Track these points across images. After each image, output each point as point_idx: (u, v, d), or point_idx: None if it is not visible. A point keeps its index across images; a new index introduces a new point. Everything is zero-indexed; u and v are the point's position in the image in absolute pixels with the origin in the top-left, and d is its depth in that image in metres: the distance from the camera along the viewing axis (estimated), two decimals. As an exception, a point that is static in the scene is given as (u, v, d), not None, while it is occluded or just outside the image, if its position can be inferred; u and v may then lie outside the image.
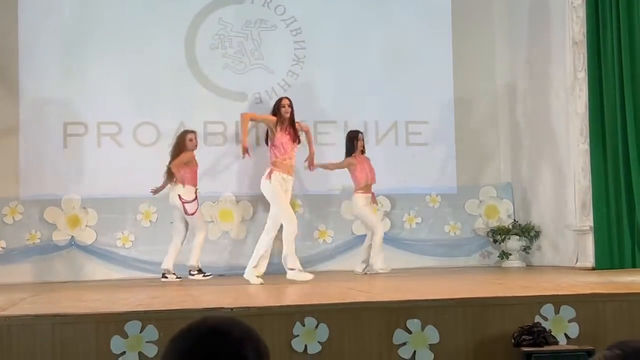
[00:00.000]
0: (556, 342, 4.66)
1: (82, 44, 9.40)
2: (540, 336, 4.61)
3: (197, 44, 9.70)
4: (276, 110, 7.72)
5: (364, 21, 9.99)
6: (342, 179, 9.36)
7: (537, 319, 4.78)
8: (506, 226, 9.83)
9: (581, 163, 8.61)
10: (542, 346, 4.56)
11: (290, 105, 7.73)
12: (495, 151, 10.22)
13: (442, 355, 4.67)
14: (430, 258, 9.72)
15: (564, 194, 9.06)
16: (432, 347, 4.66)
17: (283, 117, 7.66)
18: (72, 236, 9.18)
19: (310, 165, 8.19)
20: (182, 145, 8.68)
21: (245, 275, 7.51)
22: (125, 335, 4.40)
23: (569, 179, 8.89)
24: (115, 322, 4.45)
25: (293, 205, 8.78)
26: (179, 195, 8.53)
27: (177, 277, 8.48)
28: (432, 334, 4.67)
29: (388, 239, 9.52)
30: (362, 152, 8.87)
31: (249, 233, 9.48)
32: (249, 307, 4.78)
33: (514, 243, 9.67)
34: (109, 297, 6.17)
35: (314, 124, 9.67)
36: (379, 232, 8.62)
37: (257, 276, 7.43)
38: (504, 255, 9.72)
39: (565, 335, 4.77)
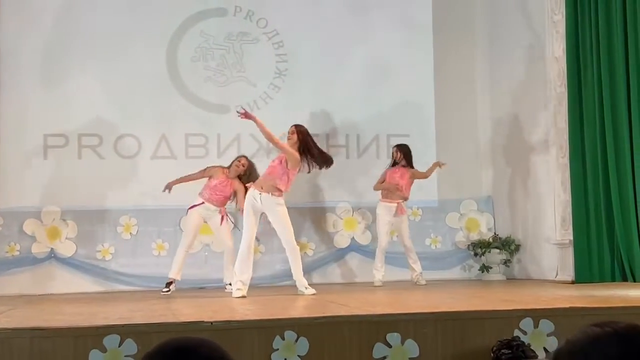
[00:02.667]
0: (535, 356, 4.67)
1: (63, 55, 9.37)
2: (519, 350, 4.62)
3: (179, 56, 9.70)
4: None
5: (346, 35, 10.03)
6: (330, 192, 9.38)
7: (517, 332, 4.80)
8: (487, 239, 9.87)
9: (561, 177, 8.67)
10: (521, 360, 4.57)
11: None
12: (476, 165, 10.27)
13: (422, 369, 4.67)
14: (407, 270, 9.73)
15: (544, 208, 9.11)
16: (412, 361, 4.66)
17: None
18: (52, 248, 9.12)
19: None
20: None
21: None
22: (103, 349, 4.37)
23: (549, 192, 8.94)
24: (94, 335, 4.41)
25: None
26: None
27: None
28: (412, 348, 4.67)
29: (370, 252, 9.53)
30: (395, 163, 9.12)
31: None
32: (229, 321, 4.76)
33: (494, 256, 9.71)
34: (88, 310, 6.12)
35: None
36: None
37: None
38: (485, 268, 9.76)
39: (544, 349, 4.79)
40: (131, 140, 9.45)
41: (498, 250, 9.69)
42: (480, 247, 9.78)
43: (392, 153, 9.25)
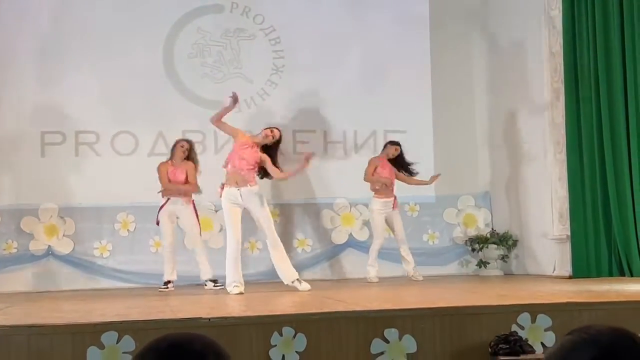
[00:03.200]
0: (533, 351, 4.68)
1: (60, 52, 9.36)
2: (517, 345, 4.63)
3: (176, 53, 9.68)
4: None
5: (343, 30, 10.02)
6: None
7: (514, 327, 4.81)
8: (484, 235, 9.88)
9: (558, 173, 8.68)
10: (519, 355, 4.59)
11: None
12: (474, 160, 10.27)
13: (420, 365, 4.68)
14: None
15: (542, 203, 9.12)
16: (409, 356, 4.67)
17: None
18: (49, 246, 9.11)
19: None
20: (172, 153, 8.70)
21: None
22: (101, 346, 4.37)
23: (547, 188, 8.95)
24: (92, 332, 4.42)
25: (272, 214, 8.81)
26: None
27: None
28: (410, 344, 4.68)
29: (367, 248, 9.54)
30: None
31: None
32: (226, 317, 4.77)
33: (492, 252, 9.72)
34: (86, 307, 6.13)
35: (292, 132, 9.69)
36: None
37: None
38: (482, 263, 9.77)
39: (542, 344, 4.80)
40: (128, 137, 9.44)
41: (495, 246, 9.71)
42: (477, 243, 9.79)
43: (387, 147, 9.17)
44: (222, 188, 7.58)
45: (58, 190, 9.20)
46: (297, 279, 7.56)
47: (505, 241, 9.69)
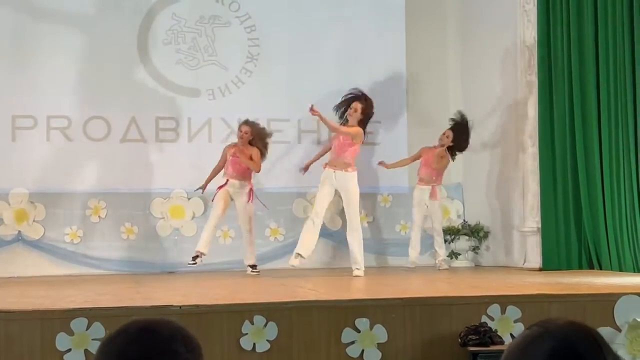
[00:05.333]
0: (502, 342, 4.72)
1: (31, 36, 9.25)
2: (487, 336, 4.67)
3: (150, 39, 9.61)
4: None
5: (319, 19, 10.00)
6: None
7: (484, 318, 4.85)
8: (456, 226, 9.92)
9: (530, 165, 8.74)
10: (488, 346, 4.63)
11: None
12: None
13: (390, 354, 4.70)
14: (381, 257, 9.76)
15: (513, 196, 9.18)
16: (380, 346, 4.69)
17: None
18: (19, 231, 9.02)
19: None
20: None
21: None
22: (71, 333, 4.35)
23: (518, 180, 9.02)
24: (61, 319, 4.40)
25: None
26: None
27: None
28: (381, 333, 4.71)
29: (340, 237, 9.55)
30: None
31: (200, 230, 9.42)
32: (197, 305, 4.76)
33: (463, 243, 9.77)
34: (56, 293, 6.09)
35: (267, 121, 9.65)
36: None
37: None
38: (453, 255, 9.81)
39: (511, 335, 4.84)
40: (100, 123, 9.35)
41: (467, 237, 9.76)
42: (449, 234, 9.83)
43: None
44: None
45: (29, 175, 9.10)
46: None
47: (476, 233, 9.75)
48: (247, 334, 4.55)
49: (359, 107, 8.26)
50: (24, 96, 9.16)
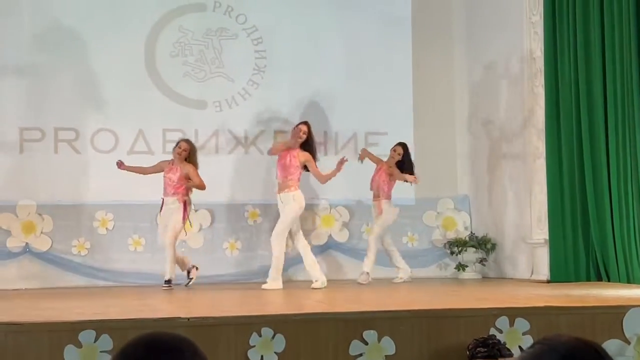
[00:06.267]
0: (511, 355, 4.70)
1: (40, 48, 9.29)
2: (495, 348, 4.65)
3: (158, 51, 9.64)
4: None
5: (325, 31, 10.03)
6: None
7: (492, 331, 4.83)
8: (463, 238, 9.90)
9: (537, 177, 8.73)
10: (497, 358, 4.61)
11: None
12: (454, 163, 10.30)
13: (398, 367, 4.69)
14: (388, 269, 9.73)
15: (521, 207, 9.17)
16: (388, 358, 4.68)
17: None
18: (27, 243, 9.04)
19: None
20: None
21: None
22: (79, 345, 4.35)
23: (526, 192, 9.00)
24: (69, 331, 4.39)
25: (253, 214, 8.84)
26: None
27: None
28: (389, 345, 4.69)
29: (346, 249, 9.56)
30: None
31: (206, 242, 9.44)
32: (205, 317, 4.75)
33: (470, 255, 9.75)
34: (63, 305, 6.09)
35: (273, 133, 9.69)
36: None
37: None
38: (461, 267, 9.79)
39: (520, 347, 4.82)
40: (108, 135, 9.38)
41: (474, 249, 9.73)
42: (456, 246, 9.81)
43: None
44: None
45: (36, 187, 9.13)
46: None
47: (483, 244, 9.73)
48: (254, 346, 4.55)
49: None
50: (31, 109, 9.20)
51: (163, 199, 8.45)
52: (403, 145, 9.10)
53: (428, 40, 10.26)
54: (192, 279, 8.33)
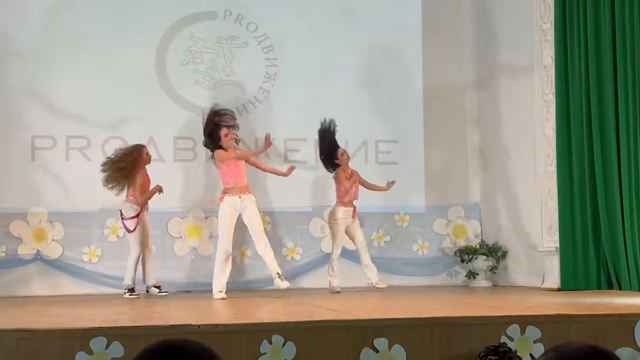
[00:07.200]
0: (522, 363, 4.68)
1: (51, 56, 9.34)
2: (506, 356, 4.63)
3: (168, 59, 9.67)
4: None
5: (335, 39, 10.04)
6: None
7: (503, 339, 4.81)
8: (473, 246, 9.88)
9: (548, 185, 8.71)
10: (508, 366, 4.58)
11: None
12: (464, 171, 10.28)
13: (409, 375, 4.67)
14: (398, 277, 9.73)
15: (531, 215, 9.14)
16: (398, 366, 4.66)
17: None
18: (38, 250, 9.07)
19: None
20: (140, 160, 8.63)
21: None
22: (90, 352, 4.35)
23: (536, 200, 8.98)
24: (81, 338, 4.40)
25: (263, 221, 8.85)
26: (120, 211, 8.54)
27: (159, 291, 8.44)
28: (399, 353, 4.68)
29: (357, 257, 9.54)
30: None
31: (217, 249, 9.44)
32: (216, 325, 4.76)
33: (481, 263, 9.73)
34: (75, 312, 6.11)
35: (284, 140, 9.71)
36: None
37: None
38: (471, 274, 9.77)
39: (531, 355, 4.80)
40: (119, 143, 9.39)
41: (485, 257, 9.71)
42: (467, 254, 9.79)
43: (345, 154, 9.05)
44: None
45: (47, 194, 9.17)
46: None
47: (494, 252, 9.70)
48: (265, 353, 4.54)
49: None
50: (43, 116, 9.24)
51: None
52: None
53: (438, 47, 10.26)
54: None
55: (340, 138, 9.84)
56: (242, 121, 9.64)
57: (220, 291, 7.85)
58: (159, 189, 8.60)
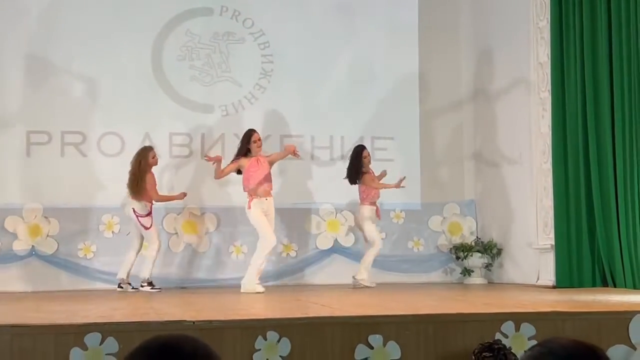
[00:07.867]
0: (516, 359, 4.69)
1: (47, 52, 9.33)
2: (501, 353, 4.63)
3: (164, 55, 9.67)
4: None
5: (332, 36, 10.04)
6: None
7: (498, 336, 4.81)
8: (469, 243, 9.90)
9: (543, 182, 8.72)
10: (502, 363, 4.59)
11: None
12: (460, 168, 10.30)
13: (404, 371, 4.68)
14: (394, 274, 9.75)
15: (526, 213, 9.15)
16: (393, 362, 4.67)
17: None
18: (33, 246, 9.06)
19: None
20: (147, 162, 8.63)
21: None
22: (85, 347, 4.35)
23: (531, 197, 8.99)
24: (75, 333, 4.39)
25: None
26: (133, 209, 8.52)
27: (132, 288, 8.45)
28: (394, 350, 4.68)
29: (352, 254, 9.56)
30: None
31: (212, 245, 9.45)
32: (210, 321, 4.75)
33: (476, 260, 9.74)
34: (69, 308, 6.09)
35: (280, 137, 9.70)
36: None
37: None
38: (466, 272, 9.79)
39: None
40: (114, 139, 9.41)
41: (480, 254, 9.73)
42: (462, 251, 9.81)
43: (368, 155, 9.14)
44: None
45: (43, 190, 9.16)
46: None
47: (489, 250, 9.72)
48: (260, 349, 4.54)
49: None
50: (38, 112, 9.22)
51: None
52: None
53: (435, 45, 10.27)
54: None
55: (336, 134, 9.86)
56: (238, 118, 9.66)
57: (259, 284, 7.97)
58: (182, 197, 8.75)
